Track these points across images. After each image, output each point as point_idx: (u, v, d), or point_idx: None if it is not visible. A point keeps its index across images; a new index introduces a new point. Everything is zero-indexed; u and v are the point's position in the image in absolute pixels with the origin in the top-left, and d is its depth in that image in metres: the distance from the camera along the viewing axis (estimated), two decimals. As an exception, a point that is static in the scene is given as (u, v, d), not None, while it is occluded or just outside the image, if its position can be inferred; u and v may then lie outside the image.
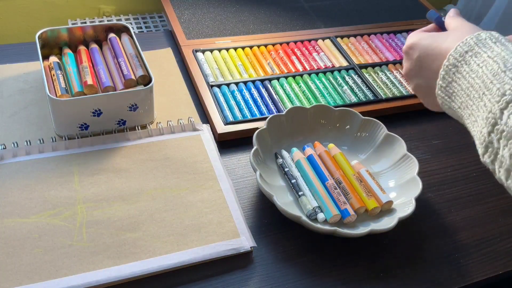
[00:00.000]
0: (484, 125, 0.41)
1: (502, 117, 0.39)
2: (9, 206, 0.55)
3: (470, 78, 0.43)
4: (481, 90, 0.42)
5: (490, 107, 0.40)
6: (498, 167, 0.40)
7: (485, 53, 0.43)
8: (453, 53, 0.45)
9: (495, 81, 0.41)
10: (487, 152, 0.41)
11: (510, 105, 0.39)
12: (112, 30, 0.73)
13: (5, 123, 0.65)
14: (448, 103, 0.47)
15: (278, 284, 0.53)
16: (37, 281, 0.49)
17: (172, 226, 0.56)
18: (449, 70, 0.45)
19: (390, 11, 1.00)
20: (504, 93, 0.39)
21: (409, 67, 0.53)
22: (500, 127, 0.39)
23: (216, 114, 0.70)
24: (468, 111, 0.44)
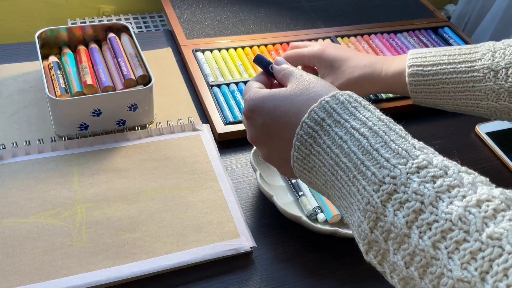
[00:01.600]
0: (363, 219, 0.33)
1: (386, 213, 0.31)
2: (8, 206, 0.55)
3: (333, 155, 0.35)
4: (350, 172, 0.34)
5: (367, 197, 0.32)
6: (390, 272, 0.33)
7: (347, 123, 0.36)
8: (307, 121, 0.37)
9: (367, 162, 0.33)
10: (372, 251, 0.34)
11: (394, 197, 0.31)
12: (112, 30, 0.72)
13: (5, 123, 0.65)
14: (309, 178, 0.39)
15: (278, 284, 0.53)
16: (37, 281, 0.49)
17: (172, 226, 0.56)
18: (305, 141, 0.37)
19: (390, 11, 1.00)
20: (383, 180, 0.32)
21: (254, 134, 0.44)
22: (385, 225, 0.31)
23: (216, 114, 0.70)
24: (337, 193, 0.36)
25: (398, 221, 0.31)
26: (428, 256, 0.29)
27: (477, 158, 0.72)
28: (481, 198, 0.29)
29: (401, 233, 0.31)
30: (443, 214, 0.29)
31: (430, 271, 0.29)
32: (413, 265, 0.30)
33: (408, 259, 0.30)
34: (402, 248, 0.31)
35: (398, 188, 0.31)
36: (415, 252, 0.30)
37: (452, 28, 0.97)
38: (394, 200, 0.31)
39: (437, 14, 1.01)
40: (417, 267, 0.30)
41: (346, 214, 0.36)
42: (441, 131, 0.77)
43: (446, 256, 0.28)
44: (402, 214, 0.31)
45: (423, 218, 0.30)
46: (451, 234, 0.28)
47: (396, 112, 0.78)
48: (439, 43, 0.93)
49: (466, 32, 1.22)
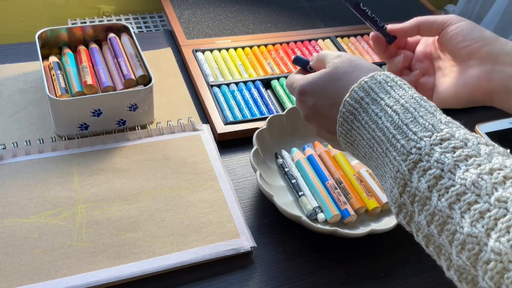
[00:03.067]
0: (394, 185, 0.37)
1: (412, 179, 0.36)
2: (9, 206, 0.55)
3: (370, 130, 0.39)
4: (384, 144, 0.38)
5: (397, 166, 0.37)
6: (415, 231, 0.37)
7: (382, 100, 0.39)
8: (348, 99, 0.41)
9: (398, 135, 0.37)
10: (402, 213, 0.38)
11: (419, 165, 0.35)
12: (112, 30, 0.72)
13: (5, 123, 0.65)
14: (352, 150, 0.43)
15: (278, 284, 0.53)
16: (37, 281, 0.49)
17: (172, 226, 0.56)
18: (347, 117, 0.41)
19: (390, 11, 1.00)
20: (410, 151, 0.36)
21: (307, 113, 0.48)
22: (411, 189, 0.36)
23: (216, 114, 0.70)
24: (374, 163, 0.40)
25: (421, 186, 0.35)
26: (445, 215, 0.33)
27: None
28: (493, 167, 0.33)
29: (423, 196, 0.35)
30: (459, 179, 0.33)
31: (446, 228, 0.34)
32: (433, 223, 0.34)
33: (429, 218, 0.35)
34: (424, 209, 0.35)
35: (423, 158, 0.35)
36: (434, 212, 0.34)
37: (452, 28, 0.97)
38: (419, 168, 0.35)
39: (437, 14, 1.01)
40: (436, 225, 0.34)
41: (382, 182, 0.40)
42: (441, 131, 0.77)
43: (459, 215, 0.32)
44: (425, 180, 0.35)
45: (442, 183, 0.34)
46: (465, 196, 0.33)
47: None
48: (439, 43, 0.93)
49: (466, 32, 1.22)
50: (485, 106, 0.61)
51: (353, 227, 0.58)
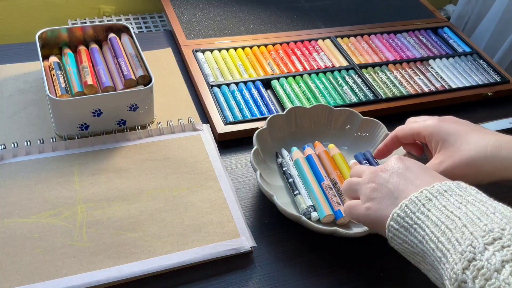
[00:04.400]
0: (458, 261, 0.37)
1: (485, 253, 0.36)
2: (9, 206, 0.55)
3: (447, 212, 0.40)
4: (461, 222, 0.39)
5: (472, 239, 0.37)
6: None
7: (470, 196, 0.41)
8: (429, 188, 0.43)
9: (482, 217, 0.38)
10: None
11: (497, 242, 0.36)
12: (112, 30, 0.73)
13: (5, 123, 0.65)
14: (404, 236, 0.44)
15: (278, 284, 0.53)
16: (37, 281, 0.49)
17: (172, 226, 0.56)
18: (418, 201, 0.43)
19: (390, 11, 1.00)
20: (492, 229, 0.37)
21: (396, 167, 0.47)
22: (478, 263, 0.36)
23: (216, 114, 0.70)
24: (433, 246, 0.40)
25: (494, 259, 0.35)
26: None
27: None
28: None
29: (492, 268, 0.35)
30: None
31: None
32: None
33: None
34: (488, 284, 0.35)
35: (504, 237, 0.36)
36: (500, 286, 0.34)
37: (452, 28, 0.97)
38: (497, 244, 0.36)
39: (437, 14, 1.01)
40: None
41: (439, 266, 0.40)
42: (441, 131, 0.77)
43: None
44: (500, 255, 0.35)
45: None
46: None
47: (396, 112, 0.78)
48: (439, 44, 0.93)
49: (465, 32, 1.22)
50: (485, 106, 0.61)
51: (353, 227, 0.58)
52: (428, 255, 0.41)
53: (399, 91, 0.80)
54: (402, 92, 0.80)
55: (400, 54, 0.89)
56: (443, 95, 0.81)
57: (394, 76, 0.83)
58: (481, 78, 0.86)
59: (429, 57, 0.89)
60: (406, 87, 0.81)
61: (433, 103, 0.80)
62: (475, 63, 0.90)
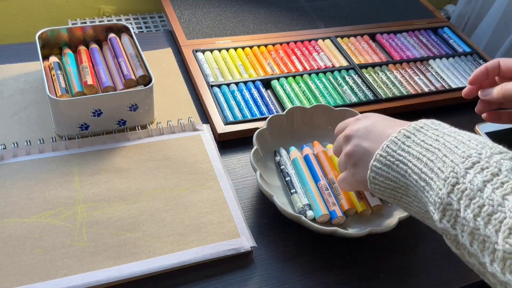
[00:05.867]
0: (443, 186, 0.39)
1: (466, 176, 0.38)
2: (9, 206, 0.55)
3: (427, 145, 0.43)
4: (441, 153, 0.41)
5: (453, 166, 0.39)
6: (460, 232, 0.38)
7: (443, 129, 0.44)
8: (406, 127, 0.46)
9: (459, 146, 0.41)
10: (445, 216, 0.39)
11: (477, 165, 0.39)
12: (112, 30, 0.73)
13: (5, 123, 0.65)
14: (386, 173, 0.46)
15: (278, 284, 0.53)
16: (37, 281, 0.49)
17: (172, 226, 0.56)
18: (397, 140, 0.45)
19: (390, 11, 1.00)
20: (470, 155, 0.39)
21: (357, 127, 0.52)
22: (461, 186, 0.38)
23: (216, 114, 0.70)
24: (416, 177, 0.43)
25: (476, 180, 0.37)
26: (496, 204, 0.36)
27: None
28: None
29: (475, 189, 0.37)
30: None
31: (494, 217, 0.36)
32: (480, 215, 0.36)
33: (477, 211, 0.37)
34: (473, 202, 0.37)
35: (482, 160, 0.39)
36: (484, 203, 0.37)
37: (452, 28, 0.97)
38: (477, 167, 0.38)
39: (437, 14, 1.01)
40: (483, 217, 0.36)
41: (422, 195, 0.42)
42: (441, 131, 0.77)
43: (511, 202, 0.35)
44: (481, 176, 0.38)
45: (498, 178, 0.37)
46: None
47: (397, 112, 0.78)
48: (439, 44, 0.93)
49: (465, 32, 1.22)
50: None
51: (352, 227, 0.58)
52: (411, 187, 0.44)
53: (399, 91, 0.80)
54: (402, 92, 0.80)
55: (400, 54, 0.89)
56: (443, 95, 0.81)
57: (394, 76, 0.83)
58: (481, 78, 0.86)
59: (429, 57, 0.89)
60: (406, 87, 0.81)
61: (433, 103, 0.80)
62: (475, 63, 0.90)
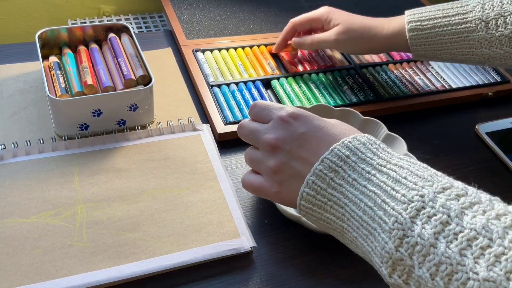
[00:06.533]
0: (388, 239, 0.35)
1: (414, 228, 0.34)
2: (9, 206, 0.55)
3: (360, 186, 0.38)
4: (379, 197, 0.36)
5: (396, 216, 0.35)
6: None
7: (373, 160, 0.39)
8: (329, 156, 0.40)
9: (397, 187, 0.36)
10: (397, 271, 0.35)
11: (422, 212, 0.34)
12: (112, 30, 0.73)
13: (5, 123, 0.65)
14: (318, 214, 0.41)
15: (278, 284, 0.53)
16: (37, 281, 0.49)
17: (172, 226, 0.56)
18: (324, 175, 0.40)
19: (390, 11, 1.00)
20: (411, 199, 0.35)
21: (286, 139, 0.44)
22: (410, 239, 0.34)
23: (216, 114, 0.70)
24: (356, 223, 0.38)
25: (425, 233, 0.33)
26: (455, 262, 0.32)
27: (477, 158, 0.73)
28: (499, 212, 0.33)
29: (427, 244, 0.33)
30: (467, 224, 0.33)
31: (455, 278, 0.32)
32: (438, 275, 0.32)
33: (433, 270, 0.33)
34: (427, 260, 0.33)
35: (426, 205, 0.34)
36: (441, 261, 0.32)
37: (452, 28, 0.97)
38: (422, 215, 0.34)
39: (437, 14, 1.01)
40: (442, 276, 0.32)
41: (364, 243, 0.38)
42: (441, 130, 0.77)
43: (472, 261, 0.31)
44: (430, 226, 0.33)
45: (450, 228, 0.33)
46: (476, 241, 0.32)
47: (397, 112, 0.78)
48: (439, 43, 0.93)
49: (466, 32, 1.22)
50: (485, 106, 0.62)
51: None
52: (350, 232, 0.40)
53: (399, 91, 0.80)
54: (402, 92, 0.80)
55: (400, 54, 0.89)
56: (443, 95, 0.81)
57: (395, 76, 0.83)
58: (481, 78, 0.86)
59: (429, 57, 0.89)
60: (407, 86, 0.81)
61: (433, 103, 0.80)
62: (475, 63, 0.90)
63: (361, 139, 0.41)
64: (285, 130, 0.44)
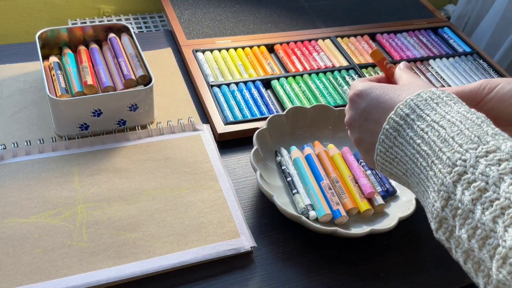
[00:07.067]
0: (437, 198, 0.37)
1: (456, 192, 0.35)
2: (9, 206, 0.55)
3: (415, 145, 0.40)
4: (429, 158, 0.38)
5: (442, 178, 0.37)
6: (455, 247, 0.37)
7: (428, 117, 0.40)
8: (393, 116, 0.41)
9: (444, 148, 0.37)
10: (441, 228, 0.37)
11: (463, 178, 0.35)
12: (112, 30, 0.73)
13: (5, 123, 0.65)
14: (390, 169, 0.43)
15: (278, 284, 0.53)
16: (37, 281, 0.49)
17: (172, 226, 0.56)
18: (390, 134, 0.42)
19: (390, 11, 1.00)
20: (455, 163, 0.36)
21: (354, 116, 0.47)
22: (454, 203, 0.35)
23: (216, 114, 0.70)
24: (416, 179, 0.40)
25: (465, 199, 0.35)
26: (488, 229, 0.33)
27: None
28: None
29: (466, 209, 0.35)
30: (503, 193, 0.33)
31: (488, 242, 0.33)
32: (474, 237, 0.34)
33: (471, 232, 0.34)
34: (467, 223, 0.35)
35: (468, 170, 0.35)
36: (477, 226, 0.34)
37: (452, 28, 0.97)
38: (463, 181, 0.35)
39: (437, 14, 1.01)
40: (477, 240, 0.34)
41: (423, 198, 0.40)
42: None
43: (503, 229, 0.32)
44: (469, 193, 0.35)
45: (486, 196, 0.34)
46: (509, 210, 0.32)
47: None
48: (439, 43, 0.93)
49: (465, 32, 1.22)
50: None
51: (353, 227, 0.58)
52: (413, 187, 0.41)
53: (399, 91, 0.80)
54: (402, 92, 0.80)
55: (400, 54, 0.89)
56: (443, 95, 0.81)
57: (394, 76, 0.83)
58: (481, 78, 0.86)
59: (429, 57, 0.89)
60: (406, 87, 0.81)
61: (433, 103, 0.80)
62: (475, 63, 0.90)
63: (424, 95, 0.41)
64: (352, 109, 0.47)
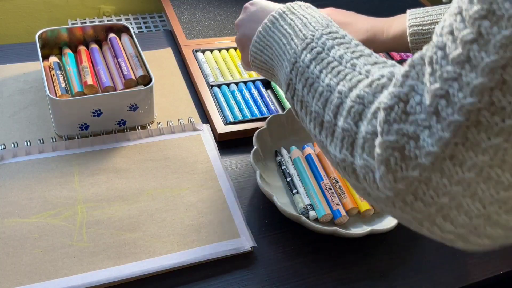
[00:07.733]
0: (288, 65, 0.47)
1: (301, 56, 0.45)
2: (9, 206, 0.55)
3: (283, 30, 0.50)
4: (290, 36, 0.48)
5: (295, 48, 0.47)
6: (296, 101, 0.45)
7: (298, 12, 0.50)
8: (273, 13, 0.52)
9: (302, 29, 0.48)
10: (289, 89, 0.46)
11: (309, 46, 0.45)
12: (112, 30, 0.73)
13: (5, 123, 0.65)
14: (260, 57, 0.53)
15: (278, 284, 0.53)
16: (37, 281, 0.49)
17: (172, 226, 0.56)
18: (266, 26, 0.52)
19: (390, 11, 1.00)
20: (307, 36, 0.46)
21: (243, 18, 0.57)
22: (297, 64, 0.45)
23: (216, 114, 0.70)
24: (278, 60, 0.50)
25: (306, 59, 0.45)
26: (315, 76, 0.43)
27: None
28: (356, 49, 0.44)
29: (304, 65, 0.45)
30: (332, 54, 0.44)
31: (313, 87, 0.43)
32: (306, 86, 0.44)
33: (303, 82, 0.44)
34: (303, 77, 0.44)
35: (313, 40, 0.46)
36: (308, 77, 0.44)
37: (452, 28, 0.97)
38: (308, 47, 0.45)
39: (437, 14, 1.01)
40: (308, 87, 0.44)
41: (280, 72, 0.49)
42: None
43: (324, 75, 0.43)
44: (310, 55, 0.45)
45: (321, 56, 0.44)
46: (332, 64, 0.43)
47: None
48: (439, 43, 0.93)
49: (466, 32, 1.22)
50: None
51: (353, 227, 0.58)
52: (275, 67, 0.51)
53: (399, 91, 0.80)
54: (402, 92, 0.80)
55: (400, 54, 0.89)
56: (443, 95, 0.81)
57: (394, 76, 0.83)
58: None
59: (429, 57, 0.89)
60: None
61: (433, 103, 0.80)
62: (475, 63, 0.90)
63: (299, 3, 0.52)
64: (243, 13, 0.58)
